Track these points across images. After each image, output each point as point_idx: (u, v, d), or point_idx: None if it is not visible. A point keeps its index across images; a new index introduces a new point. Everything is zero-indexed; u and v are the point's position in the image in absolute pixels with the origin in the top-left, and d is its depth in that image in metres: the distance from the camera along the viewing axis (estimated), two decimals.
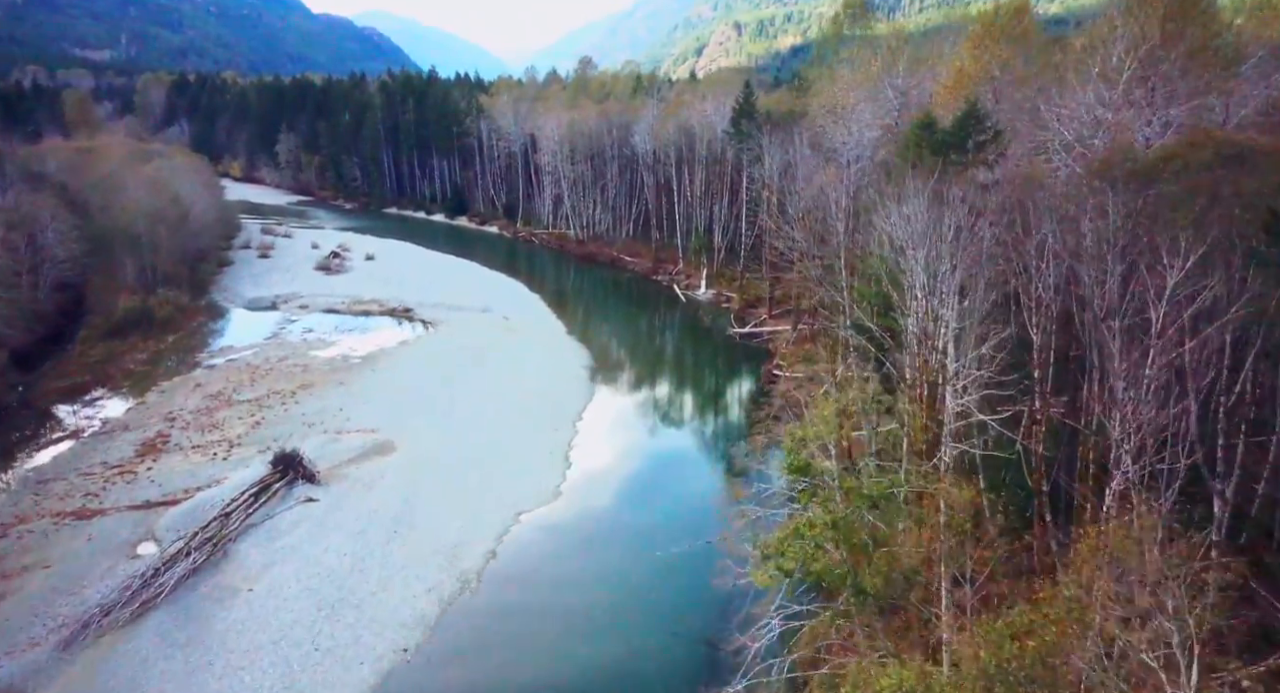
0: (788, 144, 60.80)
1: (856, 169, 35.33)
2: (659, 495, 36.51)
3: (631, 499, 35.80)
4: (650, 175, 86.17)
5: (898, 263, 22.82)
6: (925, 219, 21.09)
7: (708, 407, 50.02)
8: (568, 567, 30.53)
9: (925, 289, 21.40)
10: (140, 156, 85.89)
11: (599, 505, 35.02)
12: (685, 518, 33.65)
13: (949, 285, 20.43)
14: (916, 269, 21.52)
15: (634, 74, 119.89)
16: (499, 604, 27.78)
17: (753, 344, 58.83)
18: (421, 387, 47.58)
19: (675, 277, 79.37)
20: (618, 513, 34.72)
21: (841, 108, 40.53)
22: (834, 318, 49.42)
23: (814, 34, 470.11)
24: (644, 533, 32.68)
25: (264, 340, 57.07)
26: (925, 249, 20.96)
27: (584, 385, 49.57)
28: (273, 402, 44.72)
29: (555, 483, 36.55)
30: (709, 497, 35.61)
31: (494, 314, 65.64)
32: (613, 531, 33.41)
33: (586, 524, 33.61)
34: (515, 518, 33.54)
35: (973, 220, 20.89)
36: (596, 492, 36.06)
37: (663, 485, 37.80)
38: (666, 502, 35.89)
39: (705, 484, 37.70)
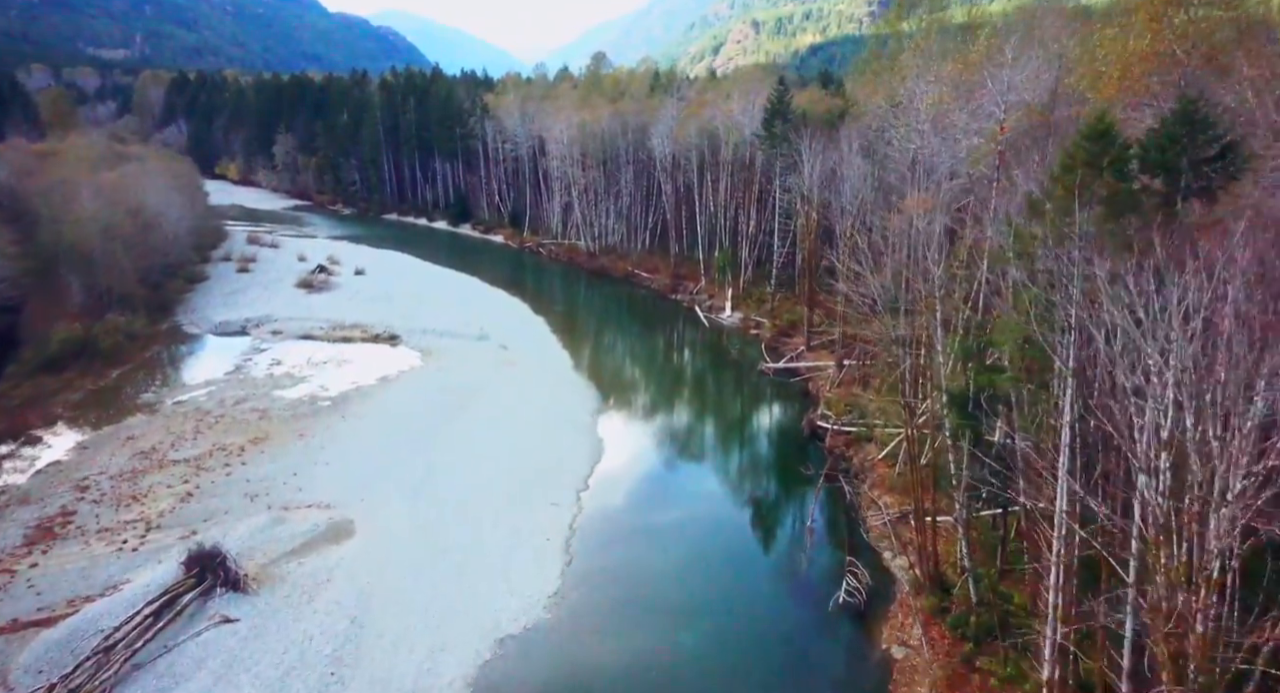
0: (830, 149, 52.60)
1: (950, 188, 27.30)
2: (686, 613, 27.97)
3: (647, 616, 27.53)
4: (669, 182, 77.99)
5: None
6: (1147, 290, 12.96)
7: (740, 474, 41.34)
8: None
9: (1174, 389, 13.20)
10: (110, 160, 78.65)
11: (604, 624, 26.88)
12: (720, 653, 25.47)
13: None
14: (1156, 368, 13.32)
15: (651, 71, 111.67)
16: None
17: (789, 382, 50.55)
18: (395, 442, 39.63)
19: (696, 296, 71.15)
20: (628, 637, 26.53)
21: (929, 110, 32.20)
22: (890, 352, 41.13)
23: (834, 32, 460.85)
24: (665, 672, 24.55)
25: (223, 376, 49.34)
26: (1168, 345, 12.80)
27: (590, 439, 41.45)
28: (214, 463, 36.89)
29: (549, 588, 28.44)
30: (753, 620, 27.36)
31: (491, 343, 57.66)
32: (621, 666, 25.21)
33: (587, 654, 25.49)
34: (495, 645, 25.48)
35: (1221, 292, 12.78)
36: (601, 602, 27.93)
37: (690, 595, 29.11)
38: (696, 624, 27.47)
39: (746, 600, 29.29)
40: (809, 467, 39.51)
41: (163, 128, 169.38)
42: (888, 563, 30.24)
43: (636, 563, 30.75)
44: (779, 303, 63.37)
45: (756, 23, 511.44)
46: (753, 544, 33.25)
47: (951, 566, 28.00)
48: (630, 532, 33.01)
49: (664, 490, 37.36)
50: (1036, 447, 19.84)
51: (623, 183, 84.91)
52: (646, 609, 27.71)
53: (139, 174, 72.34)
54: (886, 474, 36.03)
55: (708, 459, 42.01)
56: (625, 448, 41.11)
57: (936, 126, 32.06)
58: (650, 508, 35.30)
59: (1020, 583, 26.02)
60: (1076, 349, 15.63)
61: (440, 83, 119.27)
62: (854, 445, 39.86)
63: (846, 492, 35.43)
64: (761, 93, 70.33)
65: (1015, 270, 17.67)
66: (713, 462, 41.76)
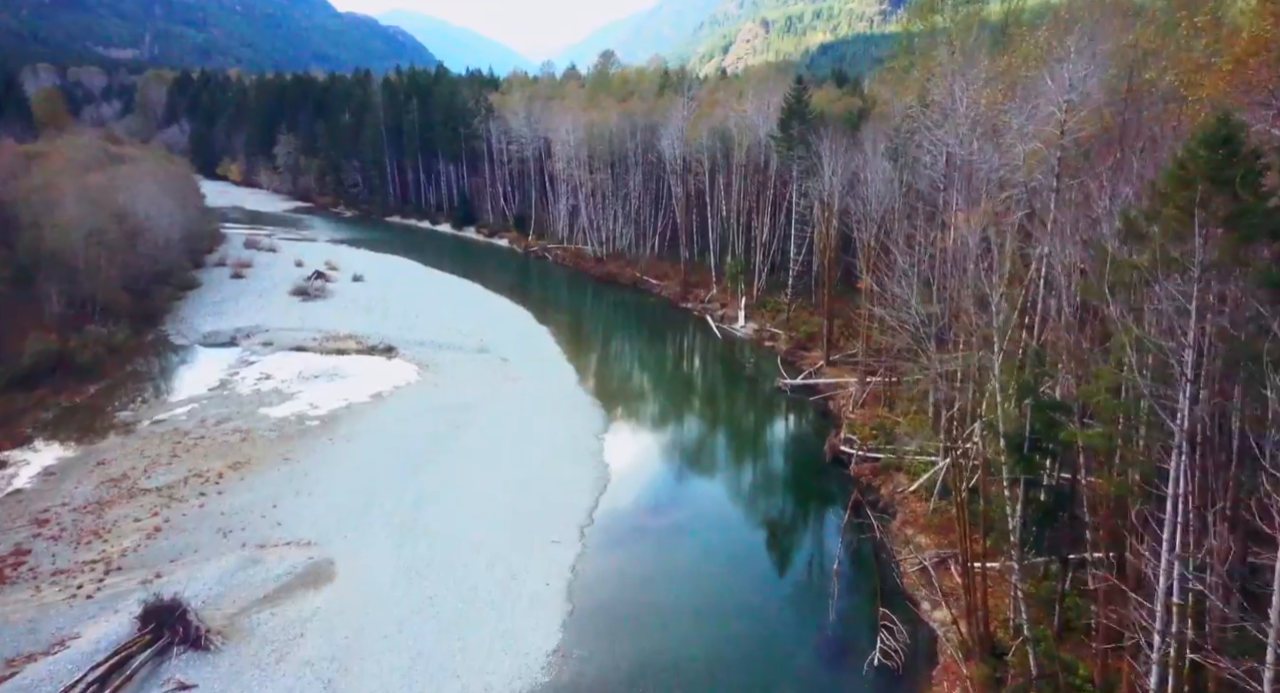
0: (852, 152, 49.52)
1: (1004, 200, 24.14)
2: (702, 676, 24.75)
3: (660, 678, 24.41)
4: (679, 185, 74.92)
5: None
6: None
7: (757, 505, 37.95)
8: None
9: None
10: (102, 161, 76.02)
11: (610, 691, 23.82)
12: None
13: None
14: None
15: (661, 69, 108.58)
16: None
17: (808, 400, 47.42)
18: (385, 469, 36.71)
19: (707, 305, 68.06)
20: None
21: (970, 111, 28.90)
22: (919, 371, 38.05)
23: (844, 31, 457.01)
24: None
25: (207, 392, 46.53)
26: None
27: (595, 466, 38.42)
28: (188, 492, 34.03)
29: (548, 644, 25.42)
30: (778, 686, 24.19)
31: (492, 355, 54.73)
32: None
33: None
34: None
35: None
36: (607, 662, 24.86)
37: (707, 652, 25.85)
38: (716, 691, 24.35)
39: (769, 660, 26.15)
40: (832, 497, 36.49)
41: (165, 128, 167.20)
42: (926, 616, 27.10)
43: (646, 613, 27.68)
44: (795, 313, 60.22)
45: (766, 22, 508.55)
46: (773, 590, 30.09)
47: (1002, 624, 24.83)
48: (639, 575, 29.95)
49: (674, 526, 34.24)
50: (1118, 501, 16.77)
51: (631, 185, 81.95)
52: (658, 670, 24.62)
53: (129, 176, 69.69)
54: (920, 510, 32.90)
55: (722, 489, 38.85)
56: (633, 476, 38.05)
57: (978, 129, 28.95)
58: (660, 546, 32.25)
59: (1083, 648, 22.88)
60: (1195, 407, 12.59)
61: (444, 82, 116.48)
62: (881, 474, 36.71)
63: (875, 528, 32.33)
64: (776, 92, 67.26)
65: (1111, 306, 14.59)
66: (727, 492, 38.60)
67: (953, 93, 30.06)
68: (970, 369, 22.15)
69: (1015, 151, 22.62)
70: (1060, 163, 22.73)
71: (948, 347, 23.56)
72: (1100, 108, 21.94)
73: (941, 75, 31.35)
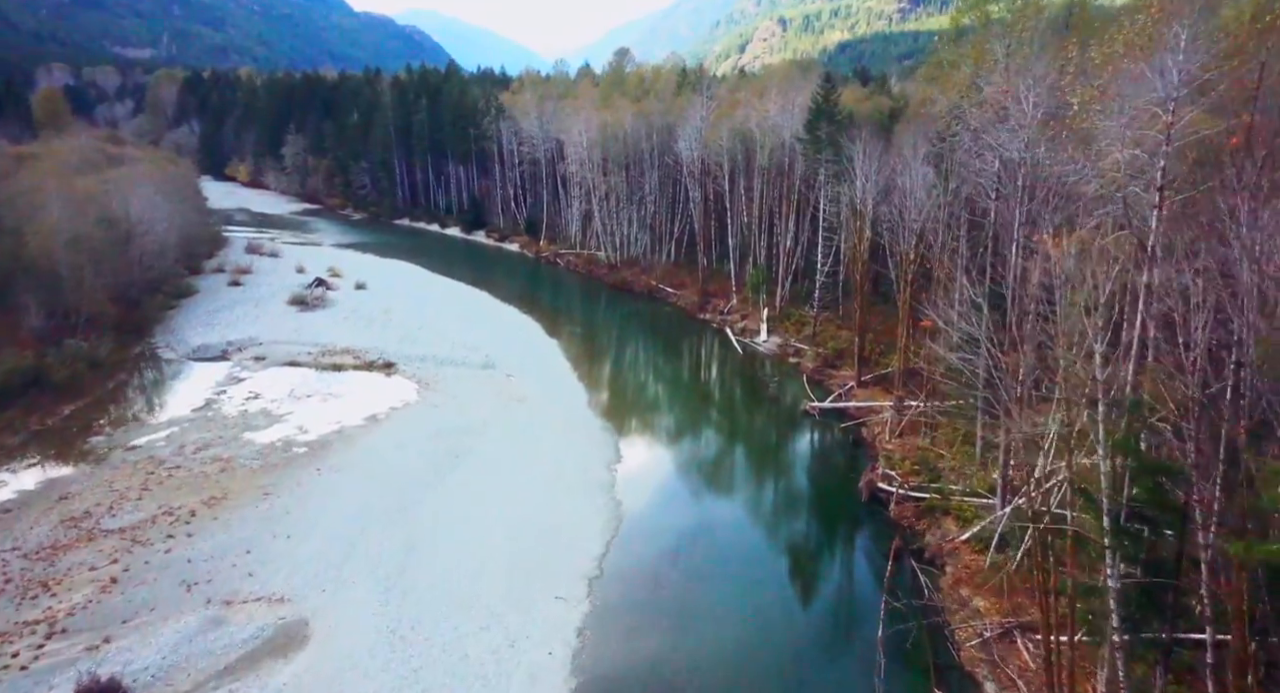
0: (886, 155, 45.62)
1: (1097, 222, 20.29)
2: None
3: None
4: (697, 189, 71.12)
5: None
6: None
7: (786, 553, 33.72)
8: None
9: None
10: (98, 163, 73.19)
11: None
12: None
13: None
14: None
15: (678, 67, 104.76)
16: None
17: (839, 426, 43.53)
18: (374, 507, 33.23)
19: (727, 316, 64.25)
20: None
21: (1035, 112, 24.96)
22: (965, 398, 34.25)
23: (863, 29, 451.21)
24: None
25: (190, 413, 43.24)
26: None
27: (606, 504, 34.76)
28: (155, 533, 30.67)
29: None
30: None
31: (497, 372, 51.21)
32: None
33: None
34: None
35: None
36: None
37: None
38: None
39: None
40: (871, 544, 32.66)
41: (175, 128, 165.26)
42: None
43: (662, 691, 23.98)
44: (821, 327, 56.32)
45: (783, 20, 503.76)
46: (810, 664, 26.21)
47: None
48: (654, 642, 26.21)
49: (694, 576, 30.43)
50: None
51: (647, 189, 78.29)
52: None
53: (123, 179, 66.72)
54: (974, 564, 28.98)
55: (746, 531, 34.97)
56: (647, 516, 34.36)
57: (1048, 131, 25.08)
58: (678, 604, 28.45)
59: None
60: None
61: (454, 81, 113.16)
62: (926, 517, 32.80)
63: (924, 585, 28.49)
64: (801, 91, 63.34)
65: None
66: (752, 535, 34.72)
67: (1017, 91, 26.14)
68: (1064, 432, 18.24)
69: (1109, 159, 18.78)
70: (1164, 173, 18.82)
71: (1026, 401, 19.69)
72: (1222, 107, 18.14)
73: (998, 71, 27.56)
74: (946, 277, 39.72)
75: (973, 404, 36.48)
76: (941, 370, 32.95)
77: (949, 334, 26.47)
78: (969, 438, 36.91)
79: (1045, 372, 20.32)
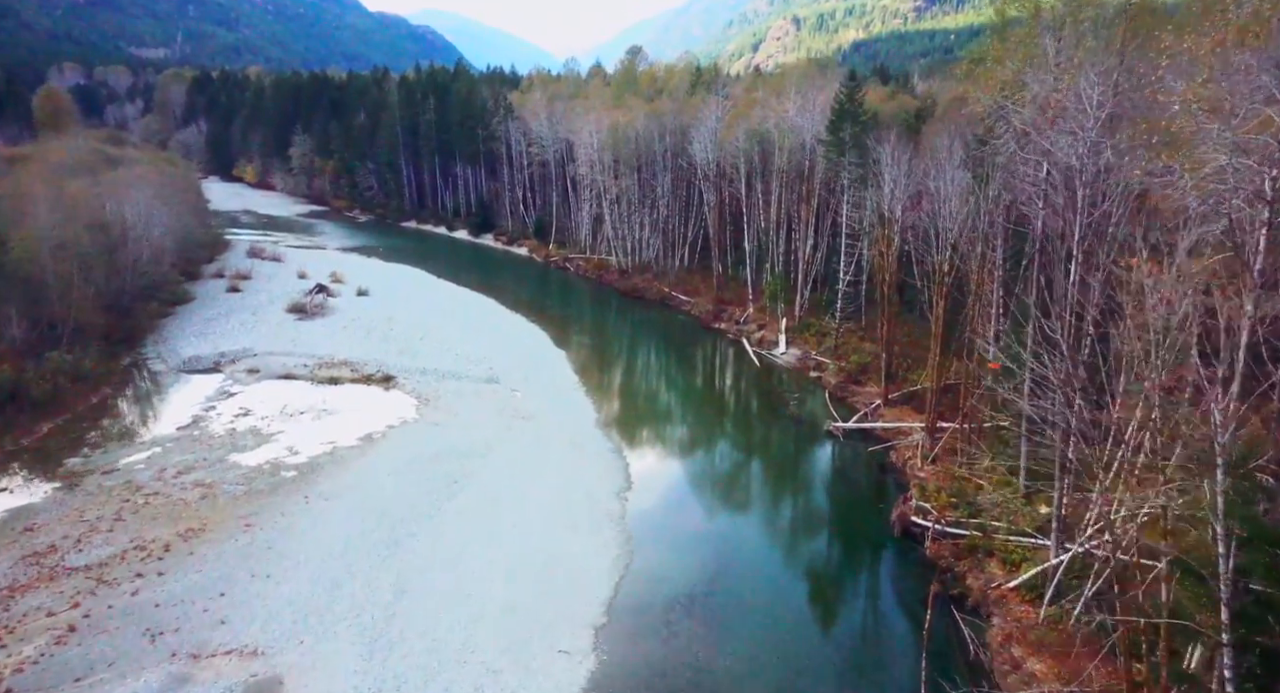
0: (917, 159, 42.66)
1: (1193, 243, 17.37)
2: None
3: None
4: (712, 192, 68.30)
5: None
6: None
7: (814, 596, 30.59)
8: None
9: None
10: (89, 165, 71.08)
11: None
12: None
13: None
14: None
15: (692, 66, 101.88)
16: None
17: (866, 449, 40.57)
18: (363, 542, 30.61)
19: (743, 326, 61.36)
20: None
21: (1098, 112, 21.95)
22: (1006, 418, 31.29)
23: (878, 28, 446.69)
24: None
25: (175, 432, 40.80)
26: None
27: (616, 536, 31.99)
28: (123, 572, 28.16)
29: None
30: None
31: (501, 386, 48.59)
32: None
33: None
34: None
35: None
36: None
37: None
38: None
39: None
40: (906, 586, 29.71)
41: (183, 127, 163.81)
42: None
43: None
44: (843, 339, 53.35)
45: (797, 19, 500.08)
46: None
47: None
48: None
49: (711, 622, 27.52)
50: None
51: (659, 192, 75.51)
52: None
53: (118, 181, 64.53)
54: (1026, 616, 25.99)
55: (767, 570, 32.00)
56: (660, 552, 31.51)
57: (1117, 132, 22.19)
58: (694, 657, 25.61)
59: None
60: None
61: (462, 80, 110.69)
62: (967, 557, 29.81)
63: (968, 639, 25.55)
64: (822, 90, 60.41)
65: None
66: (774, 574, 31.72)
67: (1079, 90, 23.20)
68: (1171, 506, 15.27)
69: (1210, 167, 15.85)
70: (1276, 186, 15.86)
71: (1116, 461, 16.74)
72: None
73: (1049, 67, 24.67)
74: (984, 291, 36.77)
75: (1014, 433, 33.55)
76: (1007, 418, 29.97)
77: (1017, 376, 23.39)
78: (1013, 467, 33.92)
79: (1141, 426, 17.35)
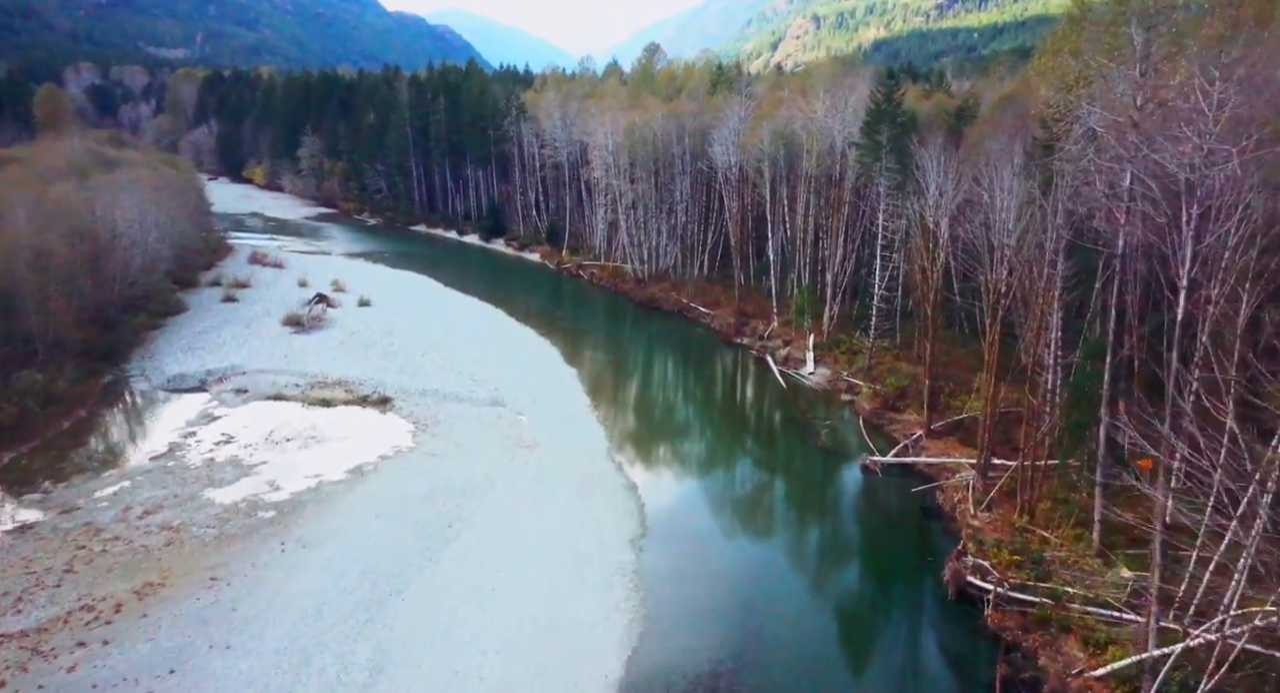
0: (966, 165, 38.43)
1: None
2: None
3: None
4: (734, 198, 64.25)
5: None
6: None
7: (860, 675, 26.95)
8: None
9: None
10: (83, 168, 68.09)
11: None
12: None
13: None
14: None
15: (712, 64, 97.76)
16: None
17: (909, 490, 36.35)
18: (340, 601, 26.85)
19: (767, 341, 57.29)
20: None
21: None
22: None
23: (899, 27, 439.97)
24: None
25: (149, 462, 37.33)
26: None
27: (627, 596, 28.03)
28: (64, 639, 24.58)
29: None
30: None
31: (506, 411, 44.85)
32: None
33: None
34: None
35: None
36: None
37: None
38: None
39: None
40: (965, 666, 25.56)
41: (195, 127, 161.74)
42: None
43: None
44: (878, 359, 49.15)
45: (817, 17, 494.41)
46: None
47: None
48: None
49: None
50: None
51: (678, 197, 71.56)
52: None
53: (110, 185, 61.41)
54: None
55: (801, 645, 27.53)
56: (675, 618, 27.40)
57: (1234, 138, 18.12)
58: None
59: None
60: None
61: (474, 79, 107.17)
62: (1038, 631, 25.57)
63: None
64: (854, 89, 56.17)
65: None
66: (809, 650, 27.20)
67: (1194, 85, 19.05)
68: None
69: None
70: None
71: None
72: None
73: (1136, 63, 20.60)
74: (1043, 312, 32.51)
75: (1087, 469, 29.36)
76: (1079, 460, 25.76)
77: (1173, 472, 19.15)
78: (1082, 516, 29.70)
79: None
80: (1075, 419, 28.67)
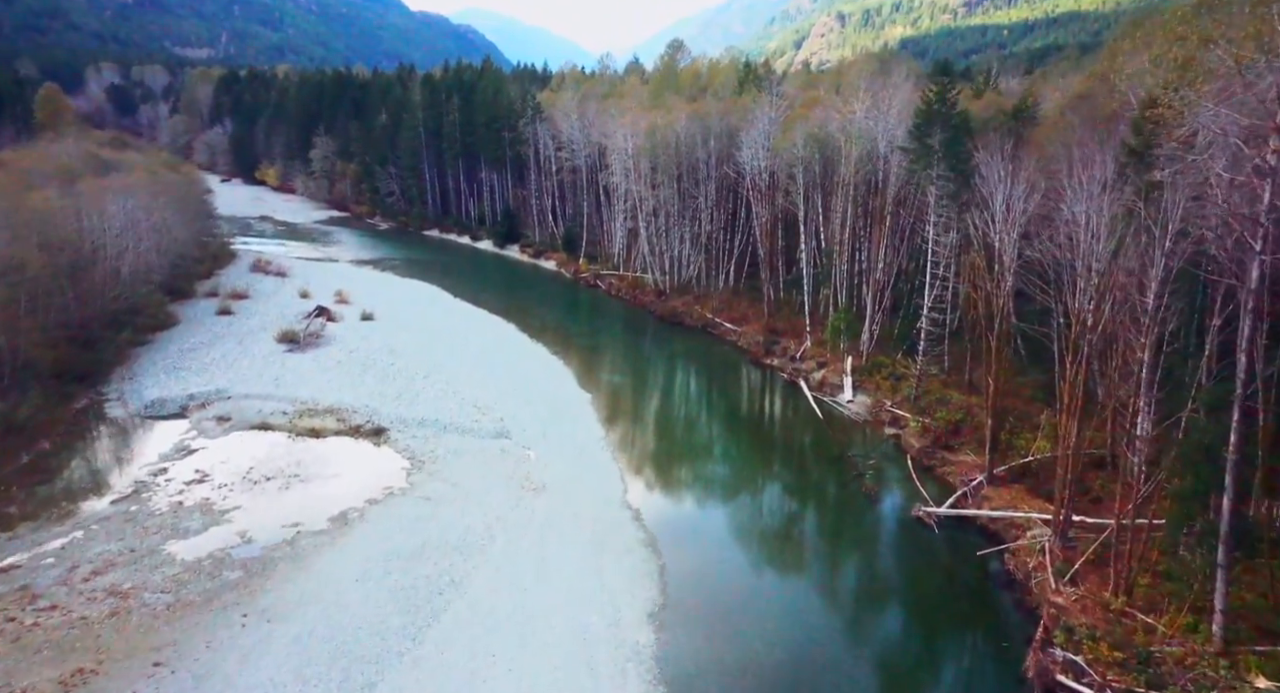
0: (1035, 176, 33.43)
1: None
2: None
3: None
4: (763, 206, 59.41)
5: None
6: None
7: None
8: None
9: None
10: (73, 171, 64.58)
11: None
12: None
13: None
14: None
15: (739, 62, 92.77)
16: None
17: (972, 550, 31.38)
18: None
19: (799, 363, 52.43)
20: None
21: None
22: None
23: (926, 25, 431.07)
24: None
25: (108, 506, 33.29)
26: None
27: (641, 690, 23.43)
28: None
29: None
30: None
31: (512, 444, 40.45)
32: None
33: None
34: None
35: None
36: None
37: None
38: None
39: None
40: None
41: (210, 127, 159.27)
42: None
43: None
44: (926, 386, 44.13)
45: (842, 15, 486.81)
46: None
47: None
48: None
49: None
50: None
51: (702, 203, 66.78)
52: None
53: (99, 191, 57.79)
54: None
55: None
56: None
57: None
58: None
59: None
60: None
61: (489, 78, 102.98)
62: None
63: None
64: (899, 88, 51.16)
65: None
66: None
67: None
68: None
69: None
70: None
71: None
72: None
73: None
74: (1132, 349, 27.44)
75: (1204, 546, 24.32)
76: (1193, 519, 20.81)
77: None
78: (1198, 601, 24.57)
79: None
80: (1189, 485, 23.64)
